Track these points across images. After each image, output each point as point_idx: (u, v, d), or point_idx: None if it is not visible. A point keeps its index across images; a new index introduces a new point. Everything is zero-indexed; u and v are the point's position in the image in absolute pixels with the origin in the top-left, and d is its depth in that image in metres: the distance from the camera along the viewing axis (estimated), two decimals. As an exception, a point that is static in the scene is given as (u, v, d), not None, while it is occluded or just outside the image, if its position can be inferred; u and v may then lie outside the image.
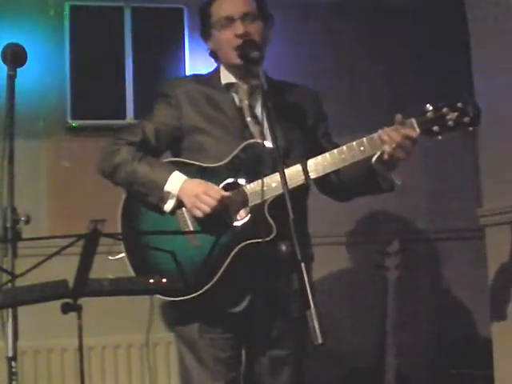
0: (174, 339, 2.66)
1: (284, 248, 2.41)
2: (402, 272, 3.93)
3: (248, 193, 2.46)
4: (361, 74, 4.39)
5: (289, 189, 2.16)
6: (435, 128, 2.41)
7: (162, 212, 2.51)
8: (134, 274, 2.48)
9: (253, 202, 2.45)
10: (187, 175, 2.50)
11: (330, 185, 2.67)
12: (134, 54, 4.10)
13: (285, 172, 2.20)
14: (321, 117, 2.73)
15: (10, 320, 2.11)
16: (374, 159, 2.48)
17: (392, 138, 2.39)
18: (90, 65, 4.03)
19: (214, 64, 2.71)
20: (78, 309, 2.05)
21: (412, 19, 4.44)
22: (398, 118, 2.43)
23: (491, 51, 3.37)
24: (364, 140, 2.44)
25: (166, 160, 2.62)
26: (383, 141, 2.41)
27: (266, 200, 2.39)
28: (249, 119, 2.58)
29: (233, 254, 2.42)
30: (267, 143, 2.45)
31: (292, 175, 2.40)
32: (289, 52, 4.23)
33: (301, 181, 2.43)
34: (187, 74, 3.91)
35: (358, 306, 4.20)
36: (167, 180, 2.48)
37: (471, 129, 2.42)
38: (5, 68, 2.35)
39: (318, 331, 1.93)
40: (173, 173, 2.49)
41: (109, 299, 2.19)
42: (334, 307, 4.01)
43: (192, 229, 2.48)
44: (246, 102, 2.60)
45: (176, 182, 2.48)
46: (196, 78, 2.76)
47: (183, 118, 2.59)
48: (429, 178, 4.47)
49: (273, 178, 2.40)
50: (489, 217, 3.37)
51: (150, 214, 2.53)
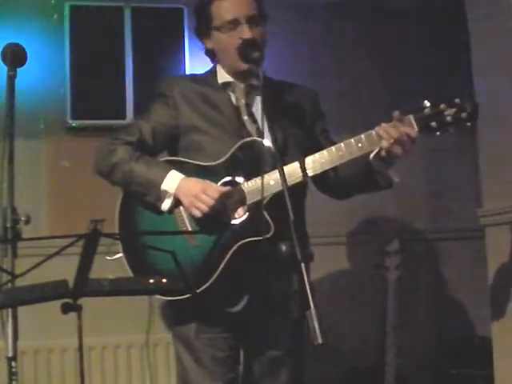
0: (171, 339, 2.65)
1: (284, 248, 2.40)
2: (402, 272, 3.93)
3: (246, 191, 2.45)
4: (361, 74, 4.39)
5: (288, 186, 2.15)
6: (433, 124, 2.41)
7: (160, 211, 2.50)
8: (131, 273, 2.47)
9: (251, 200, 2.44)
10: (184, 174, 2.49)
11: (328, 182, 2.66)
12: (134, 54, 4.10)
13: (284, 170, 2.19)
14: (318, 115, 2.72)
15: (10, 320, 2.10)
16: (372, 156, 2.48)
17: (390, 134, 2.39)
18: (90, 65, 4.03)
19: (213, 64, 2.71)
20: (77, 309, 2.05)
21: (412, 19, 4.44)
22: (396, 114, 2.42)
23: (491, 51, 3.37)
24: (362, 137, 2.44)
25: (163, 159, 2.61)
26: (381, 137, 2.41)
27: (264, 198, 2.37)
28: (245, 118, 2.58)
29: (231, 252, 2.42)
30: (265, 141, 2.45)
31: (290, 173, 2.38)
32: (288, 52, 4.23)
33: (299, 178, 2.42)
34: (183, 74, 3.91)
35: (358, 305, 4.20)
36: (164, 179, 2.47)
37: (469, 124, 2.42)
38: (5, 68, 2.34)
39: (317, 331, 1.93)
40: (170, 172, 2.48)
41: (109, 299, 2.19)
42: (334, 307, 4.01)
43: (190, 227, 2.48)
44: (243, 101, 2.60)
45: (173, 180, 2.47)
46: (192, 78, 2.76)
47: (180, 118, 2.58)
48: (429, 178, 4.47)
49: (271, 175, 2.39)
50: (489, 217, 3.37)
51: (148, 213, 2.52)
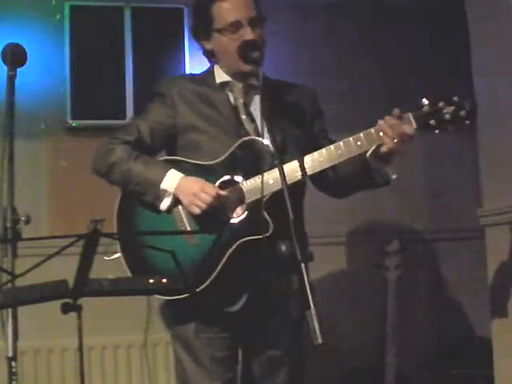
0: (170, 339, 2.64)
1: (284, 248, 2.40)
2: (402, 272, 3.92)
3: (244, 190, 2.45)
4: (361, 74, 4.39)
5: (287, 184, 2.15)
6: (432, 122, 2.41)
7: (158, 211, 2.49)
8: (130, 273, 2.47)
9: (249, 199, 2.44)
10: (183, 173, 2.48)
11: (326, 181, 2.66)
12: (134, 54, 4.10)
13: (283, 168, 2.20)
14: (317, 114, 2.72)
15: (10, 320, 2.10)
16: (369, 154, 2.48)
17: (390, 131, 2.40)
18: (89, 65, 4.03)
19: (213, 64, 2.71)
20: (78, 309, 2.05)
21: (412, 19, 4.44)
22: (396, 112, 2.43)
23: (491, 51, 3.37)
24: (361, 135, 2.44)
25: (162, 158, 2.61)
26: (381, 135, 2.41)
27: (264, 197, 2.36)
28: (244, 117, 2.58)
29: (230, 251, 2.41)
30: (263, 140, 2.44)
31: (289, 172, 2.37)
32: (288, 52, 4.23)
33: (298, 177, 2.42)
34: (181, 74, 3.90)
35: (358, 306, 4.20)
36: (163, 178, 2.46)
37: (468, 122, 2.42)
38: (5, 68, 2.34)
39: (317, 331, 1.93)
40: (169, 171, 2.48)
41: (109, 299, 2.19)
42: (334, 307, 4.01)
43: (189, 227, 2.47)
44: (241, 101, 2.59)
45: (172, 179, 2.47)
46: (190, 78, 2.77)
47: (178, 117, 2.57)
48: (429, 177, 4.47)
49: (270, 174, 2.38)
50: (489, 217, 3.37)
51: (146, 212, 2.52)
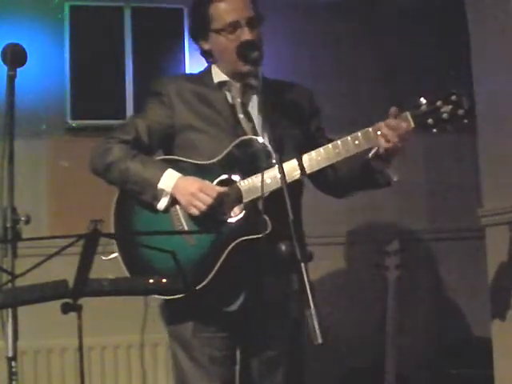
0: (168, 339, 2.62)
1: (284, 248, 2.40)
2: (401, 272, 3.93)
3: (242, 189, 2.44)
4: (361, 74, 4.39)
5: (287, 183, 2.15)
6: (430, 121, 2.41)
7: (156, 210, 2.49)
8: (127, 273, 2.46)
9: (247, 199, 2.44)
10: (181, 173, 2.48)
11: (326, 181, 2.66)
12: (134, 54, 4.10)
13: (283, 167, 2.20)
14: (314, 112, 2.72)
15: (10, 320, 2.11)
16: (371, 154, 2.48)
17: (387, 131, 2.39)
18: (89, 65, 4.04)
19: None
20: (78, 309, 2.05)
21: (412, 19, 4.44)
22: (393, 110, 2.43)
23: (491, 51, 3.37)
24: (358, 134, 2.44)
25: (159, 158, 2.61)
26: (378, 134, 2.41)
27: (261, 196, 2.36)
28: (241, 116, 2.57)
29: (228, 250, 2.41)
30: (261, 139, 2.44)
31: (287, 170, 2.36)
32: (288, 52, 4.23)
33: (297, 176, 2.42)
34: (179, 73, 3.90)
35: (358, 305, 4.20)
36: (160, 178, 2.46)
37: (466, 121, 2.42)
38: (5, 68, 2.34)
39: (317, 331, 1.93)
40: (166, 170, 2.48)
41: (108, 299, 2.19)
42: (334, 307, 4.01)
43: (186, 226, 2.47)
44: (239, 100, 2.59)
45: (170, 179, 2.46)
46: (188, 77, 2.77)
47: (176, 116, 2.57)
48: (429, 177, 4.47)
49: (267, 173, 2.37)
50: (489, 217, 3.37)
51: (144, 211, 2.51)
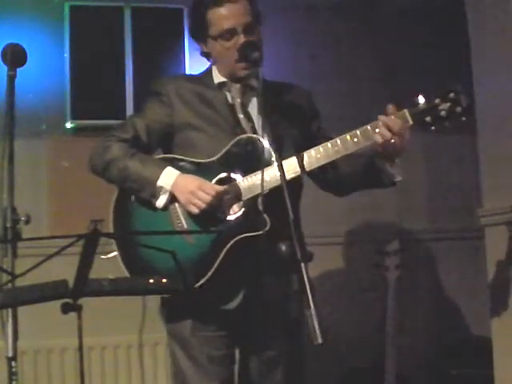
0: (167, 338, 2.61)
1: (284, 248, 2.40)
2: (401, 272, 3.92)
3: (241, 187, 2.45)
4: (361, 74, 4.39)
5: (286, 181, 2.15)
6: (428, 119, 2.41)
7: (155, 208, 2.49)
8: (126, 271, 2.46)
9: (246, 197, 2.44)
10: (180, 171, 2.48)
11: (326, 178, 2.66)
12: (134, 54, 4.10)
13: (282, 165, 2.20)
14: (314, 113, 2.72)
15: (10, 320, 2.11)
16: (375, 152, 2.48)
17: (384, 130, 2.39)
18: (89, 65, 4.04)
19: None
20: (78, 309, 2.05)
21: (412, 19, 4.44)
22: (391, 108, 2.43)
23: (491, 51, 3.37)
24: (357, 132, 2.44)
25: (158, 156, 2.61)
26: (377, 131, 2.41)
27: (260, 194, 2.36)
28: (241, 116, 2.57)
29: (227, 248, 2.40)
30: (260, 138, 2.45)
31: (287, 168, 2.37)
32: (288, 52, 4.23)
33: (296, 173, 2.42)
34: (178, 74, 3.90)
35: (358, 305, 4.20)
36: (160, 175, 2.46)
37: (464, 119, 2.42)
38: (5, 68, 2.34)
39: (317, 331, 1.93)
40: (166, 168, 2.48)
41: (108, 299, 2.19)
42: (334, 307, 4.01)
43: (185, 224, 2.47)
44: (239, 100, 2.59)
45: (169, 177, 2.47)
46: (188, 77, 2.78)
47: (175, 115, 2.57)
48: (429, 177, 4.47)
49: (267, 172, 2.36)
50: (489, 217, 3.37)
51: (143, 210, 2.51)
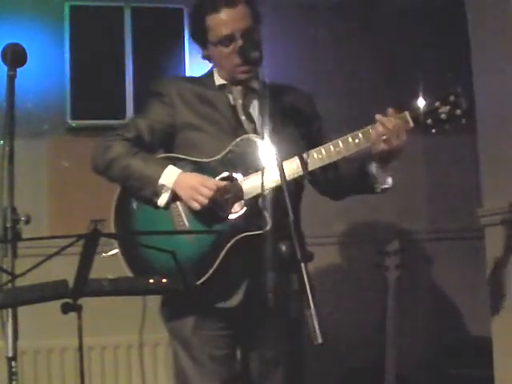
0: (168, 338, 2.62)
1: (284, 248, 2.40)
2: (401, 272, 3.92)
3: (243, 187, 2.45)
4: (361, 74, 4.39)
5: (287, 181, 2.16)
6: (429, 121, 2.43)
7: (157, 207, 2.49)
8: (128, 269, 2.45)
9: (247, 196, 2.44)
10: (181, 170, 2.49)
11: (326, 181, 2.66)
12: (134, 54, 4.11)
13: (283, 165, 2.20)
14: (315, 115, 2.73)
15: (10, 320, 2.10)
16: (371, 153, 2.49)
17: (383, 130, 2.40)
18: (90, 65, 4.04)
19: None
20: (78, 309, 2.05)
21: (412, 19, 4.44)
22: (390, 111, 2.44)
23: (491, 51, 3.37)
24: (358, 133, 2.45)
25: (159, 156, 2.61)
26: (377, 133, 2.42)
27: (261, 193, 2.37)
28: (243, 117, 2.58)
29: (228, 247, 2.41)
30: (262, 138, 2.44)
31: (288, 168, 2.38)
32: (289, 52, 4.23)
33: (297, 173, 2.43)
34: (180, 75, 3.90)
35: (358, 305, 4.20)
36: (161, 174, 2.47)
37: (464, 121, 2.43)
38: (5, 68, 2.34)
39: (317, 331, 1.93)
40: (167, 166, 2.49)
41: (108, 299, 2.19)
42: (334, 307, 4.01)
43: (187, 222, 2.47)
44: (240, 101, 2.60)
45: (171, 175, 2.47)
46: (189, 79, 2.79)
47: (177, 116, 2.58)
48: (429, 178, 4.48)
49: (268, 171, 2.36)
50: (489, 217, 3.37)
51: (144, 209, 2.52)
